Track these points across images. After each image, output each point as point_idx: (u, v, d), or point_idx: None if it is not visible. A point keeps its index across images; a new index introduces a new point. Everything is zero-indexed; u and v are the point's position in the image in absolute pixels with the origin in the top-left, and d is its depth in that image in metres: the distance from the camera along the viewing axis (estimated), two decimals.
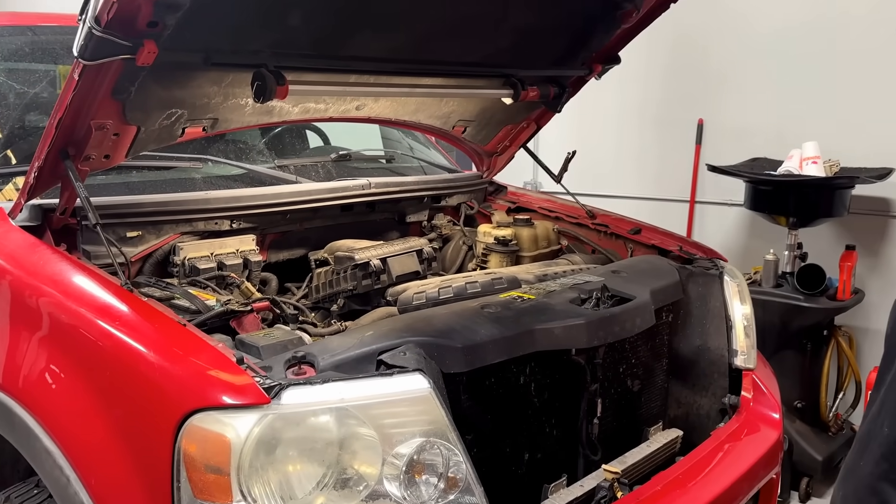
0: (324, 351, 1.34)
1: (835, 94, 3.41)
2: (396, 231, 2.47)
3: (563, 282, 1.83)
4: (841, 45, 3.36)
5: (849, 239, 3.33)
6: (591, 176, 4.06)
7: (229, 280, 1.84)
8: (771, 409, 2.01)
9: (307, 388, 1.21)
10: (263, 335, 1.47)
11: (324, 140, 3.09)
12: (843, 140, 3.32)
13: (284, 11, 1.63)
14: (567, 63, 2.31)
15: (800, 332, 3.19)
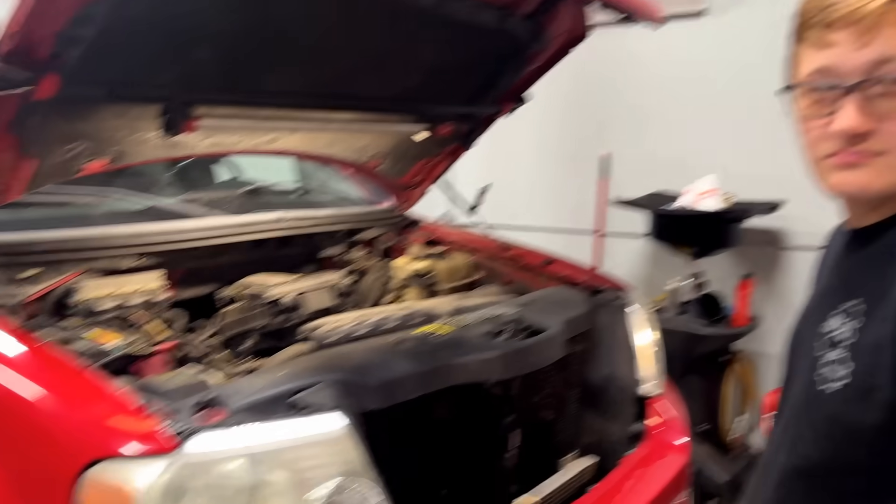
0: (234, 393, 1.30)
1: (730, 131, 3.62)
2: (310, 265, 2.44)
3: (479, 314, 1.85)
4: (736, 85, 3.58)
5: (745, 268, 3.52)
6: (505, 208, 4.13)
7: (133, 320, 1.76)
8: (677, 434, 2.09)
9: (215, 432, 1.17)
10: (169, 378, 1.42)
11: (235, 172, 3.04)
12: (737, 174, 3.52)
13: (195, 45, 1.60)
14: (478, 101, 2.38)
15: (702, 357, 3.33)
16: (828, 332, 0.94)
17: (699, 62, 3.70)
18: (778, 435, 1.06)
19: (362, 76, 2.04)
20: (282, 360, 1.78)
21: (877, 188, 0.90)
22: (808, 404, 0.96)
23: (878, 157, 0.88)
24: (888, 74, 0.85)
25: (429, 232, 2.80)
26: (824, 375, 0.92)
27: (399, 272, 2.38)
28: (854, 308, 0.91)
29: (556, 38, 2.18)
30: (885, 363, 0.84)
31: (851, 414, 0.89)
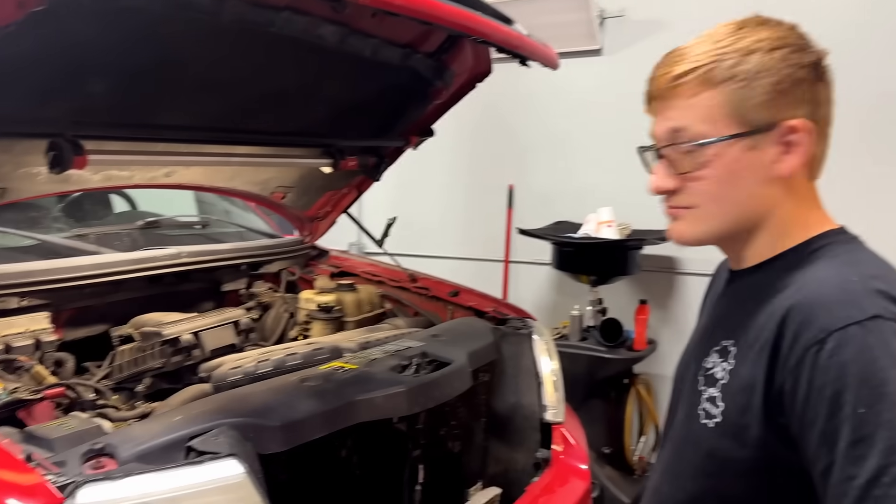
0: (125, 440, 1.25)
1: (625, 164, 3.78)
2: (211, 301, 2.37)
3: (385, 349, 1.85)
4: (629, 121, 3.76)
5: (642, 294, 3.67)
6: (413, 238, 4.17)
7: (17, 364, 1.66)
8: (579, 460, 2.14)
9: (106, 484, 1.11)
10: (57, 425, 1.35)
11: (131, 205, 2.93)
12: (633, 206, 3.69)
13: (88, 78, 1.55)
14: (384, 134, 2.40)
15: (604, 381, 3.44)
16: (709, 368, 1.00)
17: (596, 98, 3.87)
18: (662, 463, 1.11)
19: (264, 110, 2.02)
20: (178, 402, 1.71)
21: (689, 237, 1.02)
22: (688, 437, 1.02)
23: (689, 211, 1.00)
24: (680, 141, 0.97)
25: (336, 264, 2.78)
26: (707, 410, 0.98)
27: (304, 306, 2.35)
28: (727, 348, 0.98)
29: (460, 75, 2.23)
30: (754, 403, 0.90)
31: (726, 450, 0.94)
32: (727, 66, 0.93)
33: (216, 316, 2.01)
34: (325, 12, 1.71)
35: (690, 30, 3.64)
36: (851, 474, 0.79)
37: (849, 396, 0.81)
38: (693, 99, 0.96)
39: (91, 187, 1.90)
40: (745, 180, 0.95)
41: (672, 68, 0.97)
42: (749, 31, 0.95)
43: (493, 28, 1.65)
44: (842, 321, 0.83)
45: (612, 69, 3.82)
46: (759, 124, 0.93)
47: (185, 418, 1.33)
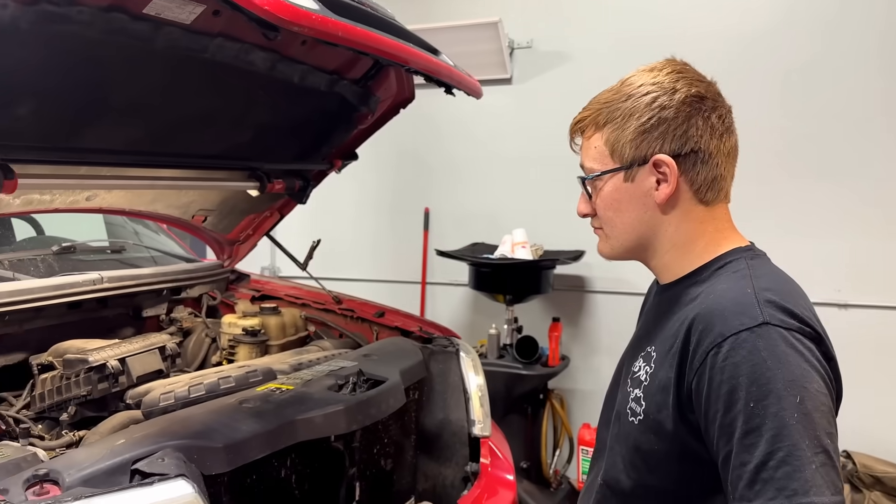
0: (69, 465, 1.23)
1: (536, 187, 3.97)
2: (131, 327, 2.32)
3: (319, 369, 1.88)
4: (539, 145, 3.94)
5: (554, 312, 3.83)
6: (332, 261, 4.18)
7: None
8: (506, 471, 2.23)
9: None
10: None
11: (37, 230, 2.82)
12: (545, 227, 3.86)
13: (13, 101, 1.52)
14: (309, 158, 2.43)
15: (521, 397, 3.56)
16: (636, 372, 1.13)
17: (507, 124, 4.04)
18: (598, 463, 1.22)
19: (192, 133, 2.02)
20: (108, 429, 1.68)
21: (605, 253, 1.18)
22: (620, 435, 1.14)
23: (601, 231, 1.17)
24: (582, 175, 1.15)
25: (257, 287, 2.77)
26: (632, 409, 1.11)
27: (228, 330, 2.33)
28: (650, 353, 1.11)
29: (384, 101, 2.31)
30: (669, 402, 1.03)
31: (647, 443, 1.07)
32: (609, 111, 1.11)
33: (141, 342, 1.98)
34: (257, 39, 1.75)
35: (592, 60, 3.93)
36: (745, 460, 0.92)
37: (741, 393, 0.93)
38: (588, 140, 1.15)
39: (10, 212, 1.84)
40: (628, 207, 1.12)
41: (579, 114, 1.17)
42: (634, 78, 1.12)
43: (423, 58, 1.73)
44: (735, 328, 0.96)
45: (522, 96, 4.00)
46: (632, 160, 1.09)
47: (127, 442, 1.31)
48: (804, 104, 3.44)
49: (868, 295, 3.37)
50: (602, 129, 1.11)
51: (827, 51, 3.39)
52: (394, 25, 1.68)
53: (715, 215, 1.12)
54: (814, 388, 0.93)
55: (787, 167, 3.47)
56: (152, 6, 1.48)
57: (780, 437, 0.90)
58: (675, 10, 3.64)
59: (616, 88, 1.12)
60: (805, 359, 0.94)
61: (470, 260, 3.66)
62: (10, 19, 1.28)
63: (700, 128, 1.07)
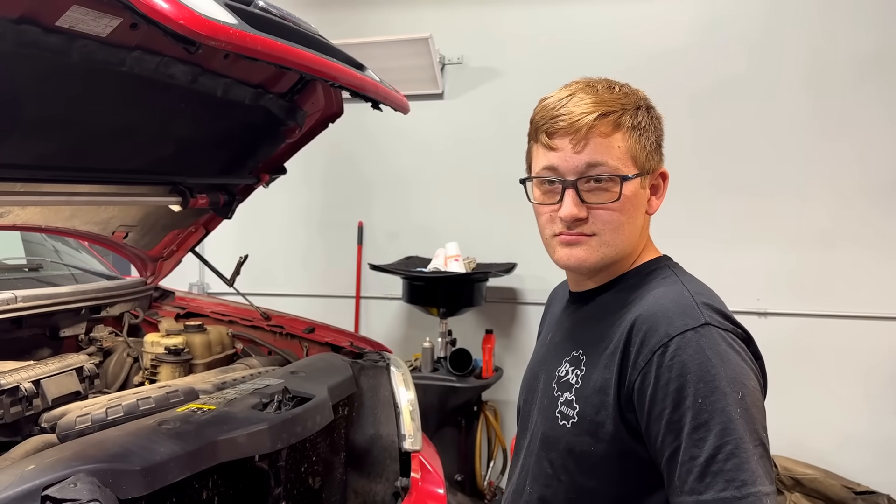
0: None
1: (471, 201, 4.01)
2: (48, 348, 2.23)
3: (244, 388, 1.84)
4: (473, 161, 3.99)
5: (487, 324, 3.87)
6: (262, 276, 4.13)
7: None
8: (436, 485, 2.23)
9: None
10: None
11: None
12: (477, 240, 3.90)
13: None
14: (235, 172, 2.39)
15: (455, 410, 3.57)
16: (563, 376, 1.14)
17: (439, 139, 4.07)
18: (519, 471, 1.22)
19: (111, 148, 1.96)
20: (20, 454, 1.61)
21: (591, 262, 1.13)
22: (547, 439, 1.14)
23: (592, 238, 1.12)
24: (595, 175, 1.09)
25: (181, 305, 2.71)
26: (563, 412, 1.11)
27: (150, 349, 2.27)
28: (578, 357, 1.13)
29: (312, 115, 2.29)
30: (608, 402, 1.05)
31: (583, 446, 1.08)
32: (631, 116, 1.12)
33: (57, 363, 1.90)
34: (178, 53, 1.72)
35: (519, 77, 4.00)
36: (694, 454, 0.95)
37: (690, 390, 0.96)
38: (607, 139, 1.09)
39: None
40: (636, 214, 1.14)
41: (596, 107, 1.09)
42: (637, 90, 1.16)
43: (347, 74, 1.73)
44: (680, 328, 1.00)
45: (452, 111, 4.05)
46: (648, 168, 1.13)
47: (37, 467, 1.26)
48: (718, 119, 3.59)
49: (786, 303, 3.53)
50: (627, 132, 1.11)
51: (745, 68, 3.55)
52: (317, 40, 1.68)
53: (648, 226, 1.19)
54: (752, 385, 0.98)
55: (703, 182, 3.61)
56: (66, 19, 1.44)
57: (727, 432, 0.93)
58: (601, 23, 3.75)
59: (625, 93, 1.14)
60: (741, 357, 1.00)
61: (403, 273, 3.67)
62: None
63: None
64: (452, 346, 3.67)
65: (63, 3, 1.41)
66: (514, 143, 4.39)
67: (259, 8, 1.48)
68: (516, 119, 1.21)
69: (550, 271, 1.42)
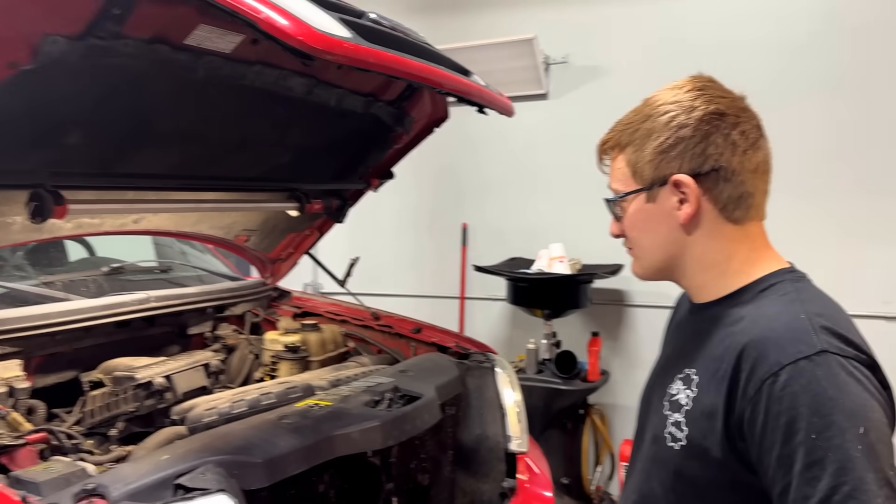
0: (115, 480, 1.28)
1: (575, 202, 3.96)
2: (177, 345, 2.39)
3: (356, 385, 1.91)
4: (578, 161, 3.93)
5: (593, 326, 3.81)
6: (371, 277, 4.24)
7: None
8: (544, 487, 2.22)
9: None
10: (42, 469, 1.36)
11: (89, 251, 2.93)
12: (582, 241, 3.85)
13: (64, 131, 1.60)
14: (346, 177, 2.49)
15: (560, 413, 3.55)
16: (674, 395, 1.09)
17: (543, 139, 4.05)
18: (632, 484, 1.20)
19: (232, 157, 2.09)
20: (154, 444, 1.74)
21: (637, 273, 1.17)
22: (656, 459, 1.11)
23: (633, 251, 1.16)
24: (613, 196, 1.14)
25: (298, 304, 2.83)
26: (672, 433, 1.07)
27: (270, 346, 2.39)
28: (690, 376, 1.07)
29: (418, 121, 2.35)
30: (716, 429, 1.00)
31: (691, 470, 1.04)
32: (630, 132, 1.11)
33: (186, 359, 2.04)
34: (295, 66, 1.81)
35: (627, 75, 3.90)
36: (807, 494, 0.88)
37: (802, 424, 0.89)
38: (613, 162, 1.15)
39: (63, 235, 1.93)
40: (653, 227, 1.11)
41: (604, 136, 1.16)
42: (655, 98, 1.11)
43: (453, 80, 1.77)
44: (793, 356, 0.92)
45: (557, 112, 4.02)
46: (652, 180, 1.09)
47: (171, 458, 1.37)
48: (848, 113, 3.38)
49: None
50: (624, 150, 1.11)
51: (872, 56, 3.33)
52: (425, 49, 1.72)
53: (748, 234, 1.09)
54: (876, 418, 0.90)
55: (829, 178, 3.41)
56: (194, 37, 1.55)
57: (844, 471, 0.86)
58: (711, 20, 3.62)
59: (638, 109, 1.12)
60: (864, 388, 0.91)
61: (507, 275, 3.67)
62: (61, 54, 1.36)
63: (720, 145, 1.05)
64: (557, 348, 3.64)
65: (191, 23, 1.52)
66: None
67: (371, 20, 1.53)
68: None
69: None
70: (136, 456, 1.64)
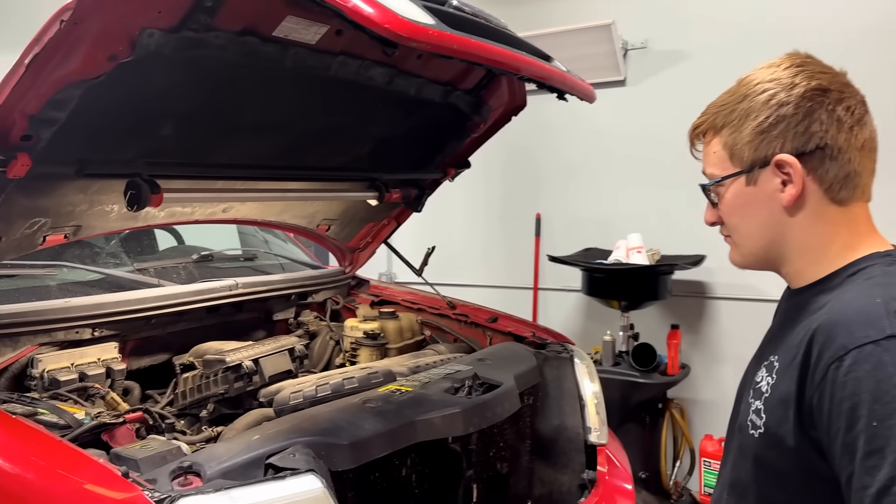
0: (210, 459, 1.33)
1: (654, 191, 3.88)
2: (262, 330, 2.47)
3: (436, 372, 1.93)
4: (657, 149, 3.85)
5: (673, 319, 3.72)
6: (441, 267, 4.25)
7: (92, 391, 1.76)
8: (624, 480, 2.19)
9: (199, 497, 1.20)
10: (140, 447, 1.43)
11: (178, 239, 3.05)
12: (660, 232, 3.76)
13: (158, 121, 1.67)
14: (424, 167, 2.50)
15: (638, 406, 3.48)
16: (758, 382, 1.07)
17: (620, 127, 3.97)
18: (723, 476, 1.17)
19: (315, 147, 2.14)
20: (243, 426, 1.80)
21: (735, 261, 1.13)
22: (741, 447, 1.09)
23: (730, 239, 1.12)
24: (703, 183, 1.11)
25: (375, 293, 2.87)
26: (753, 421, 1.05)
27: (350, 333, 2.43)
28: (773, 363, 1.05)
29: (496, 109, 2.34)
30: (790, 417, 0.97)
31: (769, 459, 1.02)
32: (725, 113, 1.07)
33: (272, 343, 2.10)
34: (376, 56, 1.83)
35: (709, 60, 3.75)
36: (866, 483, 0.85)
37: (863, 411, 0.86)
38: (708, 146, 1.11)
39: (155, 224, 2.01)
40: (754, 212, 1.06)
41: (697, 120, 1.13)
42: (751, 77, 1.07)
43: (536, 66, 1.75)
44: (859, 340, 0.89)
45: (635, 98, 3.93)
46: (752, 162, 1.04)
47: (261, 438, 1.41)
48: None
49: None
50: (720, 132, 1.07)
51: None
52: (507, 35, 1.71)
53: (851, 216, 1.04)
54: None
55: None
56: (281, 28, 1.58)
57: None
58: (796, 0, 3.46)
59: (733, 89, 1.08)
60: None
61: (584, 265, 3.63)
62: (156, 47, 1.41)
63: (824, 122, 1.00)
64: (635, 340, 3.57)
65: (279, 14, 1.55)
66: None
67: (453, 7, 1.53)
68: (704, 103, 1.14)
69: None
70: (227, 436, 1.70)
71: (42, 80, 1.31)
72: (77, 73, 1.33)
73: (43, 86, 1.32)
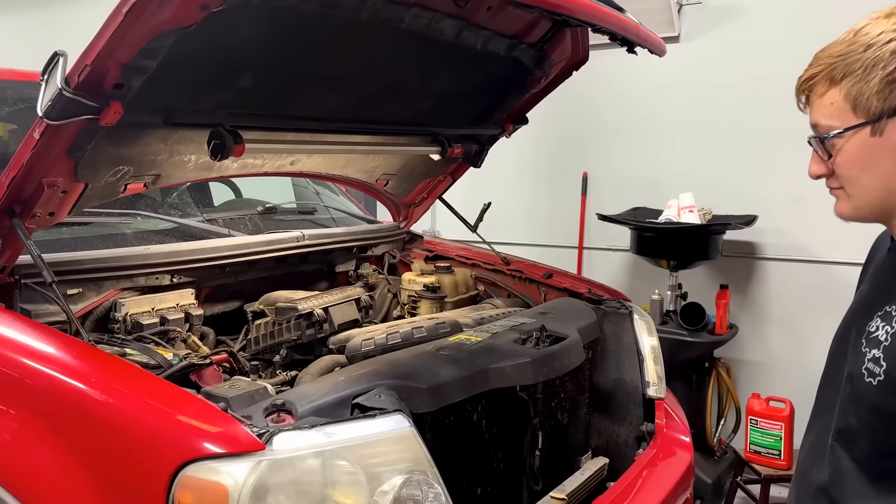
0: (301, 398, 1.38)
1: (706, 150, 3.83)
2: (325, 281, 2.52)
3: (502, 323, 1.96)
4: (711, 108, 3.80)
5: (722, 279, 3.71)
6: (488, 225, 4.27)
7: (173, 334, 1.83)
8: (682, 433, 2.22)
9: (296, 433, 1.25)
10: (229, 387, 1.49)
11: (235, 193, 3.11)
12: (714, 191, 3.73)
13: (238, 73, 1.69)
14: (483, 122, 2.50)
15: (685, 365, 3.50)
16: (873, 332, 1.08)
17: (672, 85, 3.91)
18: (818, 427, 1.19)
19: (381, 101, 2.15)
20: (317, 370, 1.86)
21: (844, 214, 1.13)
22: (853, 397, 1.11)
23: (840, 191, 1.12)
24: (816, 135, 1.10)
25: (429, 248, 2.91)
26: (870, 369, 1.07)
27: (409, 286, 2.48)
28: (891, 313, 1.06)
29: (557, 63, 2.33)
30: None
31: (889, 406, 1.03)
32: (845, 64, 1.05)
33: (339, 293, 2.16)
34: (448, 8, 1.82)
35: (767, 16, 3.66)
36: None
37: None
38: (822, 98, 1.09)
39: (229, 174, 2.06)
40: (878, 163, 1.06)
41: (808, 71, 1.11)
42: (870, 27, 1.06)
43: (612, 17, 1.74)
44: None
45: (689, 55, 3.85)
46: (879, 112, 1.03)
47: (347, 379, 1.46)
48: None
49: None
50: (839, 83, 1.06)
51: None
52: None
53: None
54: None
55: None
56: None
57: None
58: None
59: (849, 40, 1.07)
60: None
61: (634, 224, 3.62)
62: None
63: None
64: (683, 299, 3.58)
65: None
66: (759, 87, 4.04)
67: None
68: (761, 60, 1.13)
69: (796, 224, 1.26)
70: (303, 380, 1.76)
71: (137, 29, 1.34)
72: (171, 21, 1.35)
73: (138, 34, 1.35)
